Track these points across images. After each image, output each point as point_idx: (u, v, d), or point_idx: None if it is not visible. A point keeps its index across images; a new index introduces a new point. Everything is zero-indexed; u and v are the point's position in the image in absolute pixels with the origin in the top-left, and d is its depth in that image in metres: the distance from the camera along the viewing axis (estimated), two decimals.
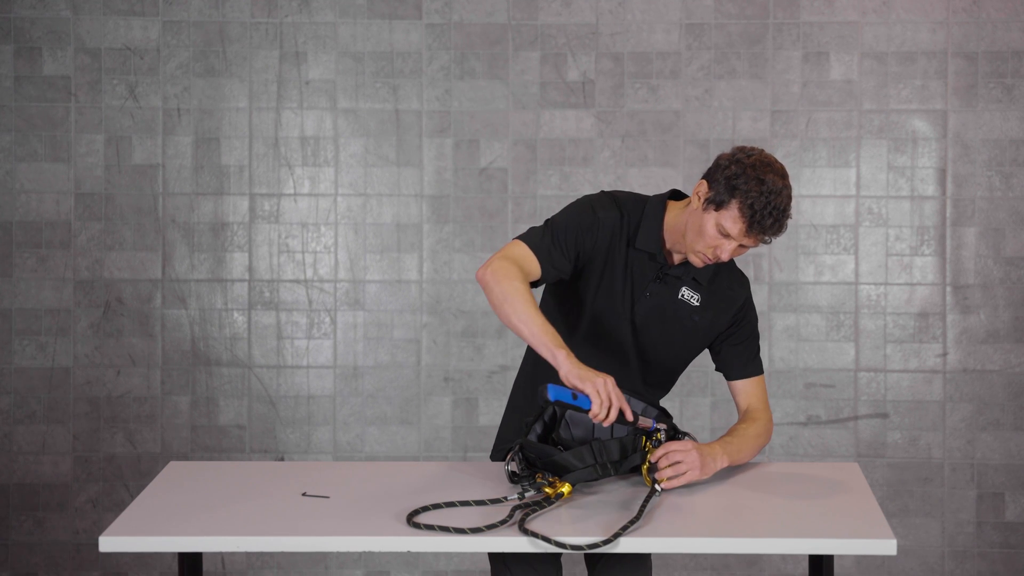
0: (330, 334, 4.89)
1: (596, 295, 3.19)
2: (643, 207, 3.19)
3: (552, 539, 2.69)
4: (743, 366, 3.26)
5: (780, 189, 2.99)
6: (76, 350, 4.87)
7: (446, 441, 4.90)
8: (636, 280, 3.18)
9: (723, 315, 3.22)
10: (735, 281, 3.25)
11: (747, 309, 3.26)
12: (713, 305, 3.21)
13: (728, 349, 3.25)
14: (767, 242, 3.04)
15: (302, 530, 2.78)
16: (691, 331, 3.22)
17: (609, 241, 3.16)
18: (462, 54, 4.83)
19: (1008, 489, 4.83)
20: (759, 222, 2.99)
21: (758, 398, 3.27)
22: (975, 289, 4.81)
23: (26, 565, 4.91)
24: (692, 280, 3.19)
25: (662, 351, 3.23)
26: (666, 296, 3.19)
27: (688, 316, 3.20)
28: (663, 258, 3.17)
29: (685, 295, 3.20)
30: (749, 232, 3.00)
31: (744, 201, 2.98)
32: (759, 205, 2.97)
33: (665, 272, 3.18)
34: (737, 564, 4.88)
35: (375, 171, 4.87)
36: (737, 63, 4.81)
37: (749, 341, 3.27)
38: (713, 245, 3.04)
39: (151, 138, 4.85)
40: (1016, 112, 4.77)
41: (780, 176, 3.01)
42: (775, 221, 2.99)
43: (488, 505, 2.90)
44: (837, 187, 4.83)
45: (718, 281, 3.22)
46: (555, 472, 2.99)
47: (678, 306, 3.20)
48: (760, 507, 2.90)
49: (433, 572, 4.90)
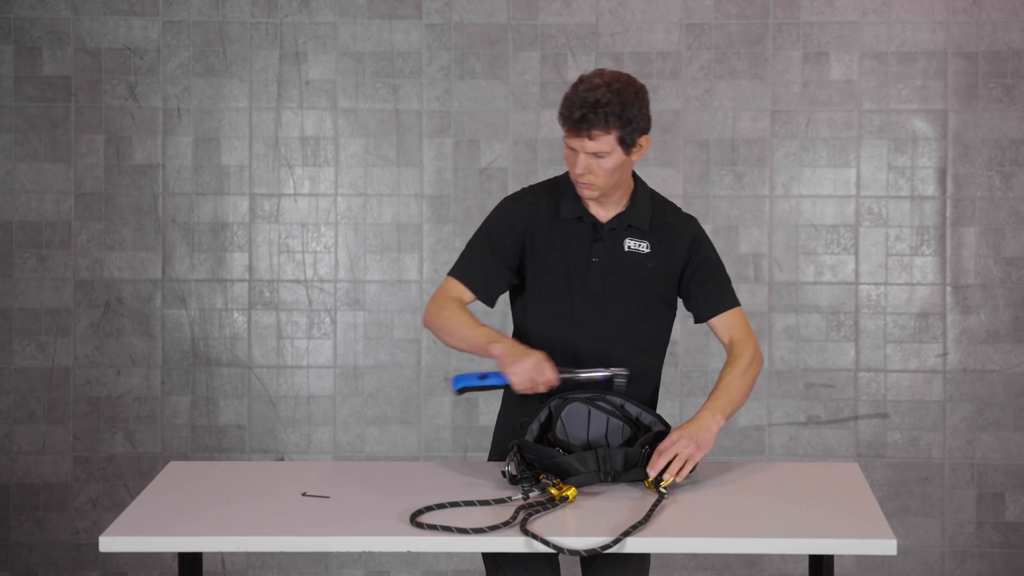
0: (330, 334, 4.89)
1: (546, 279, 3.20)
2: (558, 182, 3.23)
3: (550, 541, 2.69)
4: (716, 302, 3.23)
5: (595, 87, 3.01)
6: (76, 350, 4.88)
7: (446, 441, 4.90)
8: (577, 249, 3.19)
9: (676, 254, 3.20)
10: (679, 219, 3.24)
11: (700, 243, 3.23)
12: (663, 247, 3.20)
13: (696, 289, 3.22)
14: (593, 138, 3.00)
15: (302, 530, 2.79)
16: (650, 278, 3.20)
17: (530, 224, 3.19)
18: (462, 54, 4.83)
19: (1008, 489, 4.83)
20: (568, 118, 3.01)
21: (739, 329, 3.23)
22: (975, 289, 4.81)
23: (26, 565, 4.91)
24: (630, 228, 3.19)
25: (631, 309, 3.21)
26: (613, 253, 3.19)
27: (642, 264, 3.19)
28: (592, 218, 3.18)
29: (631, 245, 3.20)
30: (569, 132, 3.02)
31: (560, 107, 3.04)
32: (567, 104, 3.02)
33: (600, 230, 3.19)
34: (737, 564, 4.88)
35: (375, 171, 4.87)
36: (737, 63, 4.81)
37: (714, 276, 3.23)
38: (569, 162, 3.08)
39: (151, 138, 4.86)
40: (1016, 112, 4.78)
41: (603, 80, 3.02)
42: (583, 115, 2.99)
43: (492, 505, 2.90)
44: (837, 187, 4.83)
45: (662, 222, 3.21)
46: (557, 474, 2.99)
47: (629, 258, 3.19)
48: (760, 507, 2.90)
49: (433, 572, 4.90)
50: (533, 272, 3.22)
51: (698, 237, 3.23)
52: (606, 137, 3.02)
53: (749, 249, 4.84)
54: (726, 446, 4.86)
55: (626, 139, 3.04)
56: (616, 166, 3.07)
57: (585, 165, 3.05)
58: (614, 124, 3.01)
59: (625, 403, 3.16)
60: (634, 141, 3.06)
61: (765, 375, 4.84)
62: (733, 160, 4.83)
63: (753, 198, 4.83)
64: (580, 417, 3.14)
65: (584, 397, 3.14)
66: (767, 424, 4.86)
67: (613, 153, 3.04)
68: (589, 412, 3.14)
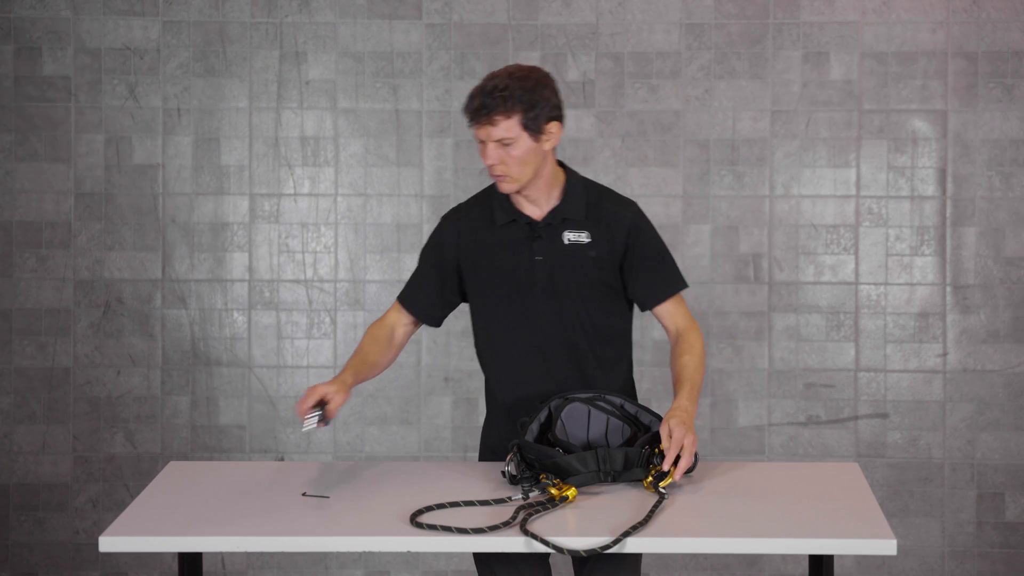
0: (330, 334, 4.89)
1: (495, 286, 3.22)
2: (492, 188, 3.25)
3: (550, 541, 2.69)
4: (662, 288, 3.23)
5: (497, 75, 3.06)
6: (76, 350, 4.88)
7: (446, 441, 4.90)
8: (519, 251, 3.20)
9: (616, 239, 3.19)
10: (617, 204, 3.23)
11: (641, 227, 3.22)
12: (603, 233, 3.19)
13: (642, 276, 3.22)
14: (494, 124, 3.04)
15: (302, 530, 2.79)
16: (596, 266, 3.20)
17: (464, 237, 3.23)
18: (462, 54, 4.83)
19: (1008, 489, 4.83)
20: (468, 107, 3.07)
21: (683, 316, 3.25)
22: (975, 289, 4.81)
23: (26, 565, 4.91)
24: (567, 221, 3.19)
25: (585, 300, 3.21)
26: (554, 248, 3.19)
27: (585, 254, 3.19)
28: (527, 218, 3.20)
29: (571, 238, 3.20)
30: (471, 122, 3.07)
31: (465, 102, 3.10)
32: (470, 95, 3.07)
33: (536, 229, 3.19)
34: (737, 564, 4.88)
35: (375, 171, 4.87)
36: (737, 63, 4.81)
37: (657, 262, 3.23)
38: (483, 160, 3.10)
39: (151, 138, 4.86)
40: (1016, 112, 4.78)
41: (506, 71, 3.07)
42: (482, 101, 3.03)
43: (492, 505, 2.90)
44: (837, 187, 4.83)
45: (599, 210, 3.21)
46: (557, 474, 2.99)
47: (571, 250, 3.19)
48: (760, 507, 2.90)
49: (433, 572, 4.90)
50: (479, 282, 3.24)
51: (637, 222, 3.22)
52: (507, 122, 3.03)
53: (749, 249, 4.84)
54: (726, 446, 4.86)
55: (530, 124, 3.05)
56: (526, 154, 3.07)
57: (495, 155, 3.06)
58: (515, 108, 3.03)
59: (624, 402, 3.16)
60: (540, 127, 3.07)
61: (765, 375, 4.84)
62: (733, 160, 4.83)
63: (753, 198, 4.83)
64: (580, 417, 3.14)
65: (584, 397, 3.15)
66: (767, 424, 4.86)
67: (519, 140, 3.05)
68: (589, 412, 3.14)
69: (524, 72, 3.07)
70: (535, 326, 3.21)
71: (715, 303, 4.84)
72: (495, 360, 3.28)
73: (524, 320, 3.21)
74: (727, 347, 4.84)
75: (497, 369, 3.28)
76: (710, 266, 4.84)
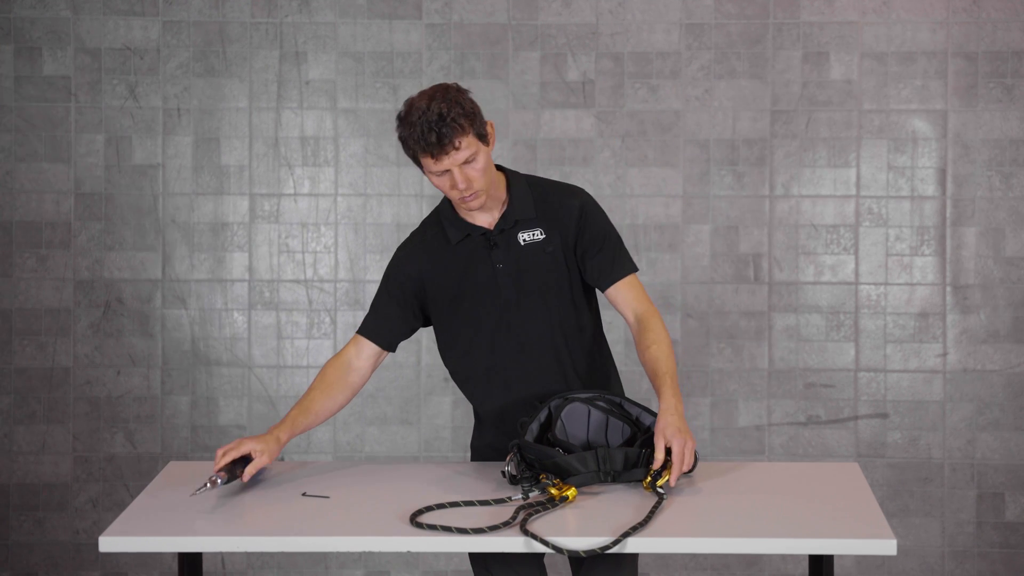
0: (330, 334, 4.89)
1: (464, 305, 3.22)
2: (439, 210, 3.26)
3: (550, 542, 2.69)
4: (610, 269, 3.21)
5: (426, 108, 3.02)
6: (76, 350, 4.88)
7: (446, 441, 4.90)
8: (479, 265, 3.20)
9: (568, 228, 3.20)
10: (564, 194, 3.24)
11: (587, 213, 3.22)
12: (556, 226, 3.20)
13: (590, 260, 3.21)
14: (458, 147, 3.02)
15: (302, 530, 2.79)
16: (553, 259, 3.20)
17: (423, 266, 3.23)
18: (462, 54, 4.83)
19: (1008, 489, 4.83)
20: (425, 145, 3.02)
21: (639, 299, 3.23)
22: (975, 289, 4.81)
23: (26, 565, 4.91)
24: (518, 223, 3.20)
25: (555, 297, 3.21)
26: (512, 252, 3.20)
27: (543, 251, 3.20)
28: (480, 230, 3.20)
29: (526, 237, 3.20)
30: (436, 157, 3.03)
31: (409, 145, 3.05)
32: (416, 136, 3.02)
33: (491, 237, 3.20)
34: (737, 564, 4.88)
35: (375, 171, 4.87)
36: (737, 63, 4.81)
37: (606, 244, 3.22)
38: (449, 188, 3.08)
39: (151, 138, 4.86)
40: (1016, 112, 4.78)
41: (426, 99, 3.04)
42: (438, 133, 3.00)
43: (492, 505, 2.90)
44: (837, 187, 4.83)
45: (546, 203, 3.22)
46: (557, 474, 2.99)
47: (528, 250, 3.20)
48: (760, 507, 2.90)
49: (433, 572, 4.90)
50: (446, 302, 3.24)
51: (585, 207, 3.22)
52: (467, 139, 3.03)
53: (749, 249, 4.84)
54: (726, 446, 4.86)
55: (480, 132, 3.07)
56: (486, 163, 3.09)
57: (463, 178, 3.05)
58: (466, 125, 3.04)
59: (623, 402, 3.17)
60: (485, 131, 3.10)
61: (765, 375, 4.84)
62: (733, 160, 4.83)
63: (753, 198, 4.83)
64: (580, 417, 3.14)
65: (584, 397, 3.15)
66: (767, 424, 4.86)
67: (479, 152, 3.07)
68: (589, 411, 3.14)
69: (441, 91, 3.07)
70: (509, 332, 3.22)
71: (715, 303, 4.85)
72: (472, 375, 3.28)
73: (497, 329, 3.22)
74: (727, 347, 4.84)
75: (476, 384, 3.29)
76: (710, 266, 4.84)
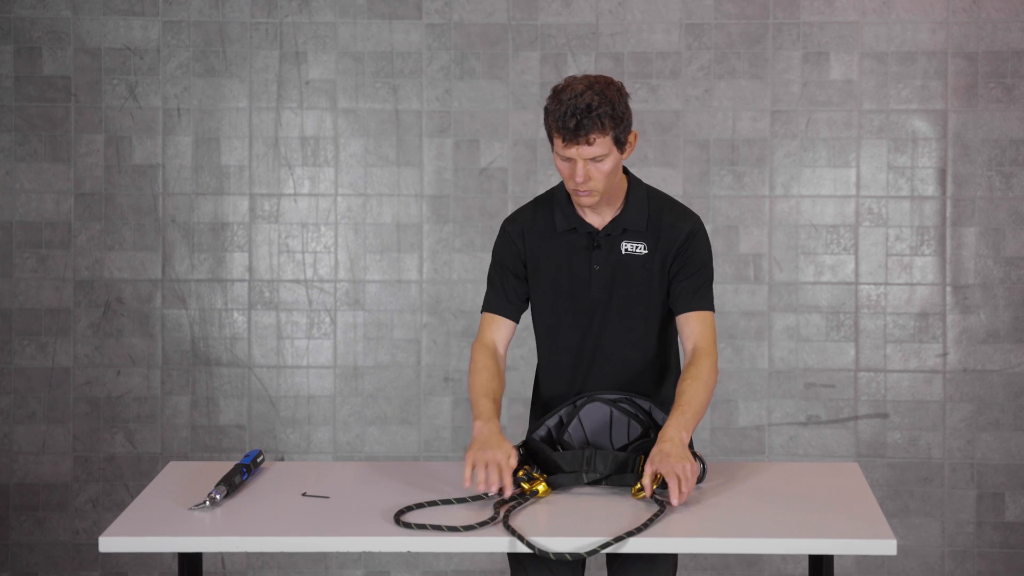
0: (330, 334, 4.89)
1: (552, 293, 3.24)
2: (553, 193, 3.26)
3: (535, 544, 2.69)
4: (688, 298, 3.20)
5: (580, 92, 3.02)
6: (76, 350, 4.88)
7: (446, 441, 4.90)
8: (577, 260, 3.21)
9: (670, 249, 3.20)
10: (678, 217, 3.23)
11: (694, 241, 3.21)
12: (660, 247, 3.20)
13: (676, 284, 3.21)
14: (591, 143, 3.01)
15: (302, 530, 2.79)
16: (648, 277, 3.21)
17: (528, 242, 3.24)
18: (462, 54, 4.83)
19: (1008, 489, 4.83)
20: (562, 127, 3.01)
21: (704, 336, 3.19)
22: (975, 289, 4.81)
23: (26, 565, 4.91)
24: (625, 232, 3.20)
25: (639, 312, 3.22)
26: (611, 259, 3.20)
27: (641, 267, 3.20)
28: (588, 227, 3.20)
29: (629, 248, 3.20)
30: (566, 142, 3.02)
31: (548, 119, 3.05)
32: (558, 114, 3.02)
33: (596, 238, 3.20)
34: (737, 564, 4.88)
35: (375, 171, 4.87)
36: (737, 63, 4.81)
37: (697, 274, 3.21)
38: (568, 176, 3.08)
39: (151, 138, 4.86)
40: (1016, 112, 4.78)
41: (585, 84, 3.04)
42: (578, 121, 2.99)
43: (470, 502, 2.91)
44: (837, 187, 4.83)
45: (659, 222, 3.21)
46: (547, 470, 3.01)
47: (628, 261, 3.20)
48: (760, 507, 2.90)
49: (433, 572, 4.90)
50: (537, 284, 3.26)
51: (694, 233, 3.22)
52: (603, 139, 3.02)
53: (749, 249, 4.84)
54: (726, 446, 4.86)
55: (620, 138, 3.05)
56: (613, 167, 3.08)
57: (584, 172, 3.04)
58: (609, 125, 3.02)
59: (653, 407, 3.16)
60: (626, 139, 3.08)
61: (765, 375, 4.85)
62: (733, 160, 4.83)
63: (753, 198, 4.83)
64: (602, 417, 3.14)
65: (609, 398, 3.14)
66: (767, 424, 4.86)
67: (610, 154, 3.05)
68: (611, 413, 3.13)
69: (603, 85, 3.05)
70: (585, 332, 3.23)
71: (715, 303, 4.84)
72: (543, 357, 3.32)
73: (574, 327, 3.23)
74: (727, 347, 4.84)
75: (543, 366, 3.32)
76: None
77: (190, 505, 2.94)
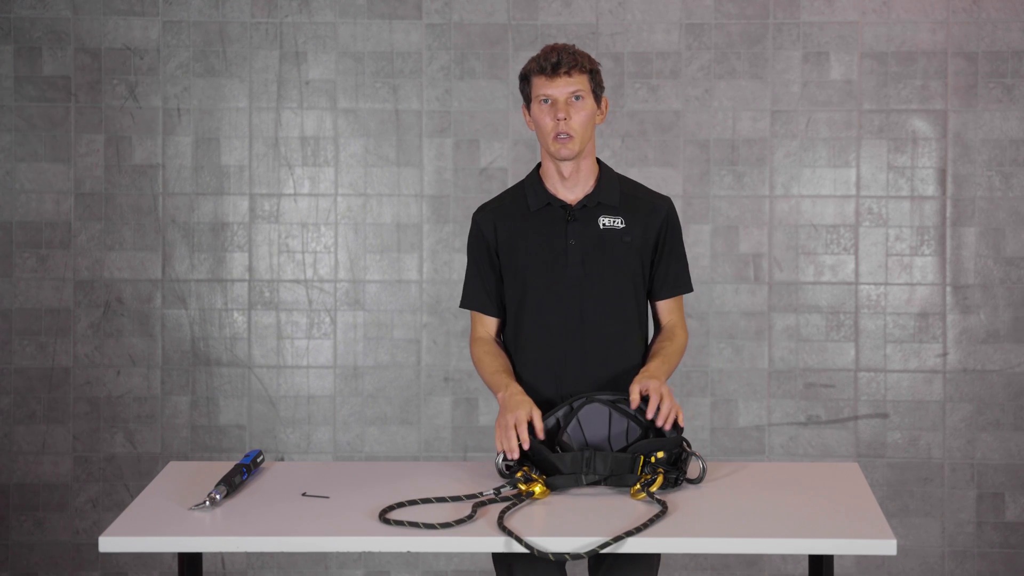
0: (330, 334, 4.89)
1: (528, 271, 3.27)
2: (522, 182, 3.36)
3: (532, 544, 2.69)
4: (674, 282, 3.34)
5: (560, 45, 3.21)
6: (76, 350, 4.88)
7: (446, 441, 4.90)
8: (553, 235, 3.26)
9: (651, 226, 3.29)
10: (654, 197, 3.35)
11: (674, 222, 3.34)
12: (639, 221, 3.28)
13: (660, 268, 3.32)
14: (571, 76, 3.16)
15: (302, 530, 2.79)
16: (626, 252, 3.27)
17: (498, 227, 3.30)
18: (462, 54, 4.83)
19: (1008, 489, 4.83)
20: (543, 64, 3.17)
21: (677, 314, 3.37)
22: (975, 289, 4.81)
23: (26, 565, 4.91)
24: (601, 206, 3.27)
25: (617, 284, 3.27)
26: (589, 232, 3.26)
27: (619, 239, 3.27)
28: (561, 201, 3.27)
29: (606, 223, 3.27)
30: (548, 76, 3.17)
31: (528, 66, 3.21)
32: (538, 57, 3.20)
33: (572, 212, 3.26)
34: (737, 564, 4.88)
35: (375, 171, 4.87)
36: (737, 63, 4.81)
37: (677, 258, 3.34)
38: (549, 120, 3.19)
39: (151, 138, 4.86)
40: (1016, 112, 4.78)
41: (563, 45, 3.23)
42: (559, 57, 3.16)
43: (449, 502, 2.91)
44: (837, 187, 4.83)
45: (634, 198, 3.31)
46: (544, 471, 3.00)
47: (605, 234, 3.27)
48: (760, 507, 2.90)
49: (433, 572, 4.90)
50: (513, 267, 3.30)
51: (671, 213, 3.33)
52: (581, 77, 3.17)
53: (749, 249, 4.84)
54: (726, 446, 4.86)
55: (595, 88, 3.21)
56: (589, 117, 3.20)
57: (565, 110, 3.16)
58: (587, 64, 3.19)
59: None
60: (600, 95, 3.23)
61: (765, 375, 4.85)
62: (733, 160, 4.83)
63: (753, 198, 4.84)
64: (600, 418, 3.13)
65: (607, 399, 3.14)
66: (767, 424, 4.86)
67: (587, 98, 3.19)
68: (610, 414, 3.14)
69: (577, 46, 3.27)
70: (560, 307, 3.26)
71: (715, 303, 4.85)
72: (517, 338, 3.32)
73: (550, 303, 3.27)
74: (727, 347, 4.84)
75: (519, 348, 3.33)
76: (710, 266, 4.84)
77: (190, 505, 2.93)
